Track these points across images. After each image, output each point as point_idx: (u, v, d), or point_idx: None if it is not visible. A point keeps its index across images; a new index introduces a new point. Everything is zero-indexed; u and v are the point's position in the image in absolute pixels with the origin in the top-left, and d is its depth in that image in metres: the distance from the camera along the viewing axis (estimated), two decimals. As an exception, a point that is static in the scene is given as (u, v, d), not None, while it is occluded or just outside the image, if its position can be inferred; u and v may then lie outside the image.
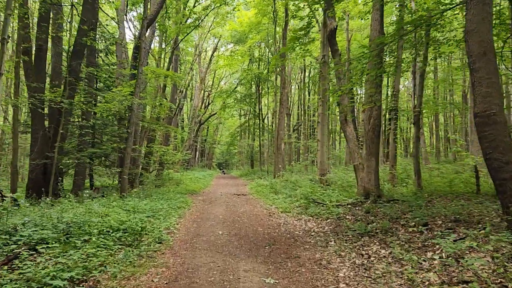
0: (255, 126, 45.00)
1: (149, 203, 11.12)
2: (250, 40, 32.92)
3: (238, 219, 10.16)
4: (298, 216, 10.31)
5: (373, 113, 10.60)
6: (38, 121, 12.35)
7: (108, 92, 16.84)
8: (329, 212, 9.77)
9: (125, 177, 12.20)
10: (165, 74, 19.77)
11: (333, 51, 11.36)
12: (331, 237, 7.44)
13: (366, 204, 9.75)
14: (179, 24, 23.96)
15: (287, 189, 16.20)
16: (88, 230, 6.10)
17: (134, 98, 12.49)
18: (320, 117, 15.55)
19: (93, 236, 5.91)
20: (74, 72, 12.68)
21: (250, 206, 12.99)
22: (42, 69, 12.39)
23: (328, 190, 12.86)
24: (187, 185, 21.41)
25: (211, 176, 35.43)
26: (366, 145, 10.71)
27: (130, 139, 12.50)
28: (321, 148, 15.39)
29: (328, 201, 11.05)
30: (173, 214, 10.22)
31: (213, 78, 48.18)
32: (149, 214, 9.36)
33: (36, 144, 12.12)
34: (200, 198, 15.68)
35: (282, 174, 23.84)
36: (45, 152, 12.31)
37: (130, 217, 7.81)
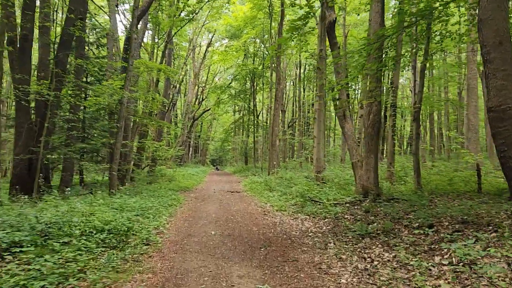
0: (250, 122, 44.55)
1: (139, 200, 10.65)
2: (245, 35, 32.40)
3: (232, 218, 9.73)
4: (294, 214, 9.91)
5: (373, 109, 10.20)
6: (22, 114, 11.79)
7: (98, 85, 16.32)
8: (327, 211, 9.37)
9: (114, 173, 11.71)
10: (158, 68, 19.24)
11: (332, 44, 10.93)
12: (330, 238, 7.04)
13: (365, 203, 9.37)
14: (172, 17, 23.40)
15: (282, 186, 15.81)
16: (69, 231, 5.63)
17: (124, 91, 11.98)
18: (317, 113, 15.14)
19: (74, 238, 5.45)
20: (61, 63, 12.14)
21: (244, 204, 12.57)
22: (27, 60, 11.81)
23: (324, 187, 12.48)
24: (179, 181, 20.94)
25: (204, 172, 34.95)
26: (365, 142, 10.32)
27: (120, 134, 12.00)
28: (317, 145, 14.99)
29: (325, 199, 10.66)
30: (163, 212, 9.77)
31: (207, 74, 47.57)
32: (138, 212, 8.91)
33: (21, 138, 11.58)
34: (193, 195, 15.23)
35: (276, 171, 23.45)
36: (30, 147, 11.77)
37: (117, 216, 7.35)
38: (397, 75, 12.77)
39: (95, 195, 10.28)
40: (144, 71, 20.13)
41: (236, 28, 34.31)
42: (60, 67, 12.08)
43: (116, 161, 11.92)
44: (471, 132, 17.31)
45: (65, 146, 12.91)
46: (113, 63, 17.53)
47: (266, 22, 30.63)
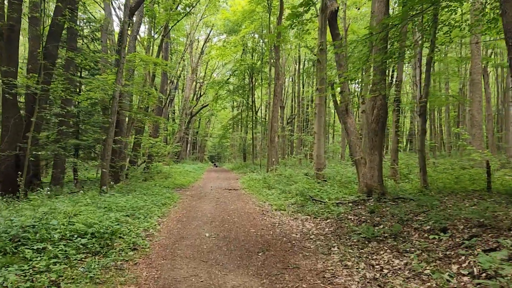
0: (248, 118, 43.97)
1: (131, 199, 10.12)
2: (244, 29, 31.74)
3: (228, 218, 9.21)
4: (294, 214, 9.39)
5: (377, 103, 9.67)
6: (8, 109, 11.21)
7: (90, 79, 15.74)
8: (329, 211, 8.86)
9: (105, 170, 11.16)
10: (154, 62, 18.66)
11: (334, 35, 10.37)
12: (334, 241, 6.52)
13: (370, 203, 8.86)
14: (169, 11, 22.80)
15: (281, 184, 15.29)
16: (46, 235, 5.09)
17: (116, 85, 11.41)
18: (317, 108, 14.60)
19: (52, 243, 4.91)
20: (50, 55, 11.55)
21: (241, 203, 12.05)
22: (14, 51, 11.21)
23: (325, 186, 11.96)
24: (175, 178, 20.39)
25: (202, 169, 34.42)
26: (369, 138, 9.79)
27: (111, 129, 11.44)
28: (318, 141, 14.46)
29: (326, 198, 10.14)
30: (156, 212, 9.23)
31: (205, 70, 46.94)
32: (128, 212, 8.37)
33: (7, 134, 11.01)
34: (188, 193, 14.70)
35: (275, 168, 22.92)
36: (17, 143, 11.21)
37: (104, 217, 6.81)
38: (401, 68, 12.22)
39: (84, 194, 9.75)
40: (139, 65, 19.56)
41: (234, 22, 33.67)
42: (49, 60, 11.50)
43: (107, 158, 11.38)
44: (475, 129, 16.80)
45: (55, 142, 12.34)
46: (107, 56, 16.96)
47: (265, 16, 30.01)
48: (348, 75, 8.49)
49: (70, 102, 14.19)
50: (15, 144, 11.23)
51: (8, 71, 10.81)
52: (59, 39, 12.02)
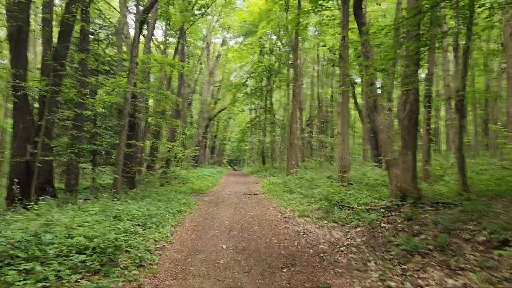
0: (266, 121, 43.17)
1: (144, 206, 9.48)
2: (261, 30, 31.05)
3: (248, 226, 8.44)
4: (319, 221, 8.55)
5: (410, 98, 8.76)
6: (19, 113, 10.76)
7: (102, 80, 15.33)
8: (358, 218, 7.98)
9: (117, 176, 10.58)
10: (169, 63, 18.12)
11: (360, 24, 9.54)
12: (369, 254, 5.67)
13: (405, 208, 7.94)
14: (184, 12, 22.32)
15: (303, 188, 14.45)
16: (37, 252, 4.44)
17: (127, 85, 10.84)
18: (340, 107, 13.71)
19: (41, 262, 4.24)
20: (60, 56, 11.08)
21: (262, 208, 11.28)
22: (22, 53, 10.77)
23: (352, 189, 11.05)
24: (193, 183, 19.79)
25: (220, 173, 33.81)
26: (401, 136, 8.88)
27: (123, 133, 10.87)
28: (341, 142, 13.56)
29: (354, 203, 9.25)
30: (169, 220, 8.54)
31: (223, 73, 46.48)
32: (139, 221, 7.71)
33: (17, 139, 10.57)
34: (206, 199, 14.02)
35: (295, 171, 22.07)
36: (27, 149, 10.76)
37: (110, 227, 6.16)
38: (432, 59, 11.24)
39: (95, 201, 9.16)
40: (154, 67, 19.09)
41: (250, 23, 33.06)
42: (58, 61, 11.02)
43: (120, 163, 10.80)
44: (512, 126, 15.54)
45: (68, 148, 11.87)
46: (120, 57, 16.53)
47: (282, 15, 29.29)
48: (379, 65, 7.63)
49: (83, 106, 13.73)
50: (24, 150, 10.79)
51: (16, 73, 10.38)
52: (69, 39, 11.55)
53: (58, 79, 11.11)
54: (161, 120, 19.44)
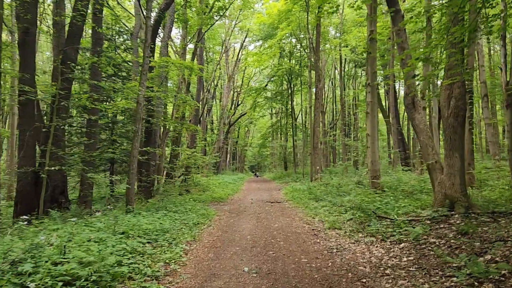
0: (288, 125, 42.20)
1: (158, 219, 8.66)
2: (280, 32, 30.15)
3: (272, 241, 7.48)
4: (353, 235, 7.50)
5: (455, 92, 7.66)
6: (26, 120, 10.16)
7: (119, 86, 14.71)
8: (400, 232, 6.90)
9: (130, 186, 9.80)
10: (187, 66, 17.41)
11: (394, 12, 8.51)
12: (423, 280, 4.62)
13: (455, 220, 6.82)
14: (201, 14, 21.70)
15: (330, 195, 13.40)
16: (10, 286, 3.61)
17: (140, 88, 10.11)
18: (370, 107, 12.63)
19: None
20: (69, 59, 10.45)
21: (286, 219, 10.30)
22: (29, 56, 10.20)
23: (387, 197, 9.92)
24: (213, 191, 18.98)
25: (242, 179, 32.98)
26: (446, 136, 7.77)
27: (137, 139, 10.11)
28: (371, 144, 12.45)
29: (393, 213, 8.16)
30: (185, 235, 7.67)
31: (243, 78, 45.81)
32: (151, 237, 6.87)
33: (23, 148, 9.96)
34: (226, 208, 13.14)
35: (320, 177, 21.00)
36: (35, 158, 10.16)
37: (114, 248, 5.32)
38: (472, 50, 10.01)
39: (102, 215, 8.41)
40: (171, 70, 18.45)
41: (269, 25, 32.21)
42: (67, 64, 10.40)
43: (133, 172, 10.03)
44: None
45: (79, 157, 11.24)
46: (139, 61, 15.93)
47: (302, 16, 28.34)
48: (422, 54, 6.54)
49: (97, 112, 13.11)
50: (32, 159, 10.18)
51: (23, 78, 9.79)
52: (78, 41, 10.95)
53: (67, 83, 10.50)
54: (179, 125, 18.72)
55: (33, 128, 9.90)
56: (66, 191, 13.11)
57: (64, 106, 10.50)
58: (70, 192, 16.54)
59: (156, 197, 14.73)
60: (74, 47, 10.58)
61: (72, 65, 10.31)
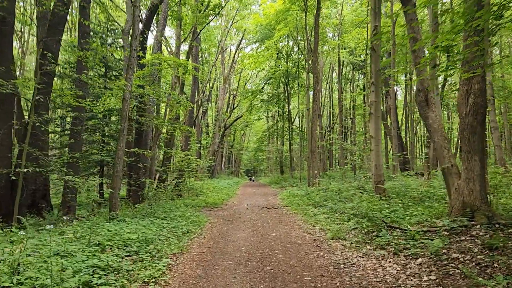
0: (284, 129, 41.44)
1: (143, 227, 7.80)
2: (278, 32, 29.43)
3: (270, 253, 6.63)
4: (360, 247, 6.67)
5: (474, 87, 6.88)
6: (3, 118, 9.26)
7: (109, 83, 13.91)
8: (415, 244, 6.08)
9: (113, 191, 8.92)
10: (180, 64, 16.55)
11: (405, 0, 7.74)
12: (454, 308, 3.80)
13: (478, 231, 6.01)
14: (196, 12, 20.92)
15: (331, 201, 12.60)
16: None
17: (126, 83, 9.26)
18: (373, 107, 11.84)
19: None
20: (49, 51, 9.59)
21: (285, 227, 9.47)
22: (6, 47, 9.27)
23: (394, 204, 9.10)
24: (207, 196, 18.10)
25: (237, 184, 32.09)
26: (464, 137, 6.98)
27: (122, 139, 9.24)
28: (375, 147, 11.66)
29: (405, 223, 7.35)
30: (171, 246, 6.80)
31: (239, 80, 45.03)
32: (132, 249, 6.01)
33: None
34: (220, 214, 12.29)
35: (318, 182, 20.18)
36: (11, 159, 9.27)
37: (83, 264, 4.47)
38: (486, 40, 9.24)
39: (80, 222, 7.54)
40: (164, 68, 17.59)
41: (266, 26, 31.48)
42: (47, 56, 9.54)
43: (117, 174, 9.15)
44: None
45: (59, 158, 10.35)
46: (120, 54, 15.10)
47: (300, 17, 27.66)
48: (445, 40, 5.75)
49: (82, 110, 12.24)
50: (7, 160, 9.28)
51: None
52: (60, 32, 10.10)
53: (47, 78, 9.63)
54: (172, 126, 17.85)
55: (7, 127, 9.00)
56: (48, 195, 12.20)
57: (44, 102, 9.63)
58: (58, 197, 15.63)
59: (145, 202, 13.84)
60: (55, 38, 9.72)
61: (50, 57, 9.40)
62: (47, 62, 9.32)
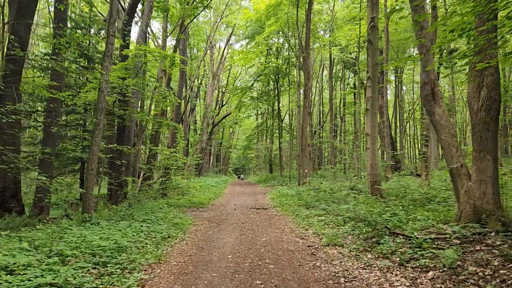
0: (274, 127, 40.71)
1: (119, 231, 6.98)
2: (268, 28, 28.66)
3: (260, 263, 5.88)
4: (361, 256, 5.95)
5: (486, 80, 6.22)
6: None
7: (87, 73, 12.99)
8: (423, 254, 5.38)
9: (87, 191, 8.06)
10: (166, 56, 15.66)
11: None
12: None
13: (493, 240, 5.34)
14: (184, 4, 20.03)
15: (323, 201, 11.90)
16: None
17: (102, 72, 8.39)
18: (369, 103, 11.17)
19: None
20: (17, 36, 8.68)
21: (275, 230, 8.73)
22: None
23: (395, 207, 8.41)
24: (193, 195, 17.27)
25: (225, 182, 31.26)
26: (475, 135, 6.31)
27: (98, 134, 8.38)
28: (371, 146, 11.00)
29: (409, 228, 6.65)
30: (147, 255, 5.98)
31: (228, 77, 44.16)
32: (99, 260, 5.18)
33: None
34: (206, 215, 11.49)
35: (308, 181, 19.50)
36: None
37: (32, 283, 3.65)
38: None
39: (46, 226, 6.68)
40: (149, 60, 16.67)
41: (257, 21, 30.67)
42: (17, 42, 8.63)
43: (92, 172, 8.29)
44: None
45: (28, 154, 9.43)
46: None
47: (291, 12, 26.96)
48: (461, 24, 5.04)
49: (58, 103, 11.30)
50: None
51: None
52: (30, 16, 9.16)
53: (15, 66, 8.71)
54: (156, 122, 16.95)
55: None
56: (19, 194, 11.25)
57: (10, 92, 8.71)
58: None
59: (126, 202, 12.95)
60: (24, 21, 8.79)
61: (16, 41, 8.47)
62: (16, 46, 8.40)
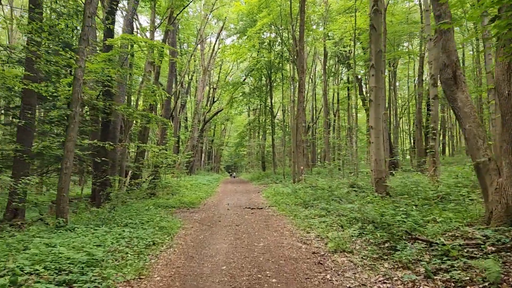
0: (266, 123, 39.85)
1: (96, 238, 6.04)
2: (260, 21, 27.70)
3: (260, 275, 4.99)
4: (377, 266, 5.10)
5: (518, 63, 5.39)
6: None
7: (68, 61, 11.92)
8: (453, 265, 4.54)
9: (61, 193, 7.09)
10: (153, 45, 14.62)
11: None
12: None
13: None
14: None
15: (322, 200, 11.07)
16: None
17: (78, 57, 7.41)
18: (373, 93, 10.32)
19: None
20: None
21: (274, 234, 7.85)
22: None
23: (408, 207, 7.54)
24: (183, 194, 16.32)
25: (217, 181, 30.31)
26: (506, 123, 5.48)
27: (73, 127, 7.40)
28: (376, 139, 10.16)
29: (429, 231, 5.81)
30: (126, 268, 5.05)
31: (219, 73, 43.12)
32: (65, 278, 4.25)
33: None
34: (197, 217, 10.57)
35: (304, 178, 18.67)
36: None
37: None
38: None
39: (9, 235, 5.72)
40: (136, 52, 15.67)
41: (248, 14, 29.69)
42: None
43: (66, 172, 7.32)
44: None
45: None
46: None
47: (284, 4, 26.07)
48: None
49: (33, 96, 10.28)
50: None
51: None
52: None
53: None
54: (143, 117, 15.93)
55: None
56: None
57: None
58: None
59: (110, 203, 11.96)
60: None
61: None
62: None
